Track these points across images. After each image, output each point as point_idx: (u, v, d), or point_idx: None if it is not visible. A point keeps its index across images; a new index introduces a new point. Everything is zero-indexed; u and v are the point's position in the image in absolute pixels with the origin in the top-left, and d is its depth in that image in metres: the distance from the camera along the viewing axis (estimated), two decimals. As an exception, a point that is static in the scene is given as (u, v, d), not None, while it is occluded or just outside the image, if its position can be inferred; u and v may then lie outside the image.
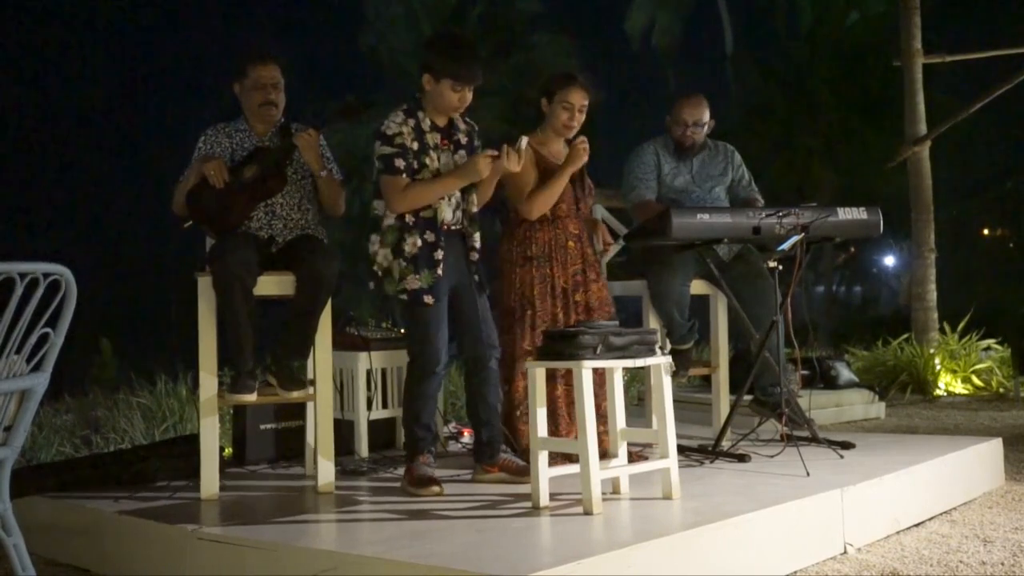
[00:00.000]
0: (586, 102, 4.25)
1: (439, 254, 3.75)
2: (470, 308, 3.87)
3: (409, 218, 3.74)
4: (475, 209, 3.91)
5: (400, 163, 3.71)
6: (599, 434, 3.43)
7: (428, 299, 3.73)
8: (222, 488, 3.78)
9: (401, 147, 3.73)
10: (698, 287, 4.83)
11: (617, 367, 3.52)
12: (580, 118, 4.24)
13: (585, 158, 4.17)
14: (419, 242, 3.73)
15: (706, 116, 4.85)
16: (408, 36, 20.36)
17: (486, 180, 3.84)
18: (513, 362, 4.12)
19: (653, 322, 4.74)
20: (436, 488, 3.66)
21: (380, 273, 3.77)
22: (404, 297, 3.74)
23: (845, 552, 3.37)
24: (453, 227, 3.85)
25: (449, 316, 3.85)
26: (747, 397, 4.64)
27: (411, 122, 3.77)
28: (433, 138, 3.80)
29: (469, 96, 3.80)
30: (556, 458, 3.59)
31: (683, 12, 22.81)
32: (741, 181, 4.97)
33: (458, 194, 3.85)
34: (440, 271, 3.74)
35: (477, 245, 3.91)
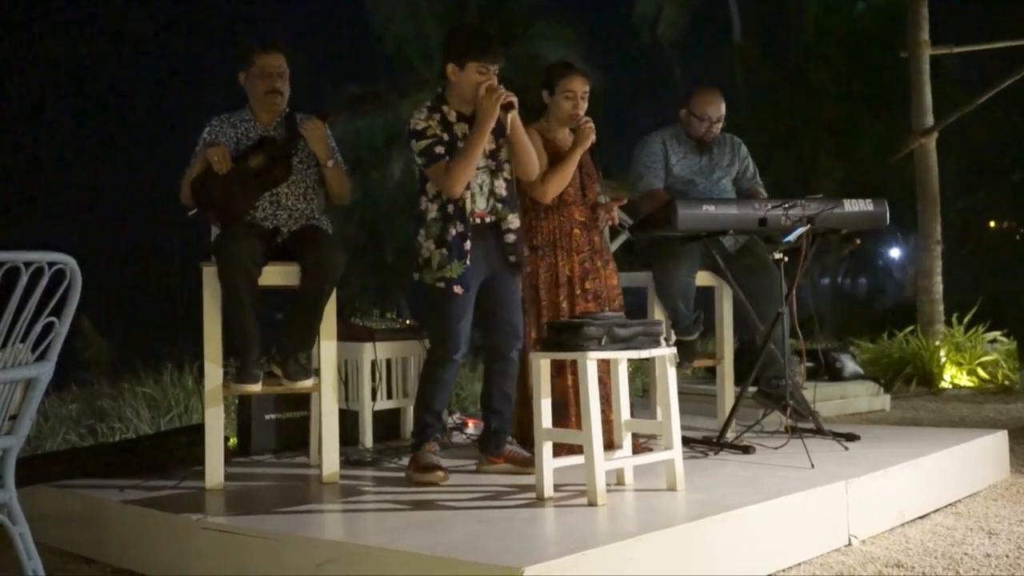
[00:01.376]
0: (587, 88, 4.26)
1: (467, 245, 3.75)
2: (499, 297, 3.87)
3: (451, 207, 3.75)
4: (506, 192, 3.87)
5: (439, 149, 3.74)
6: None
7: (458, 289, 3.74)
8: (227, 478, 3.78)
9: (435, 136, 3.75)
10: (703, 278, 4.82)
11: (622, 358, 3.52)
12: (584, 105, 4.24)
13: (593, 137, 4.17)
14: (454, 231, 3.74)
15: (724, 109, 4.85)
16: (409, 26, 20.29)
17: (516, 140, 3.81)
18: (523, 353, 4.11)
19: (658, 313, 4.73)
20: (440, 473, 3.67)
21: (422, 263, 3.79)
22: (441, 285, 3.75)
23: (849, 544, 3.37)
24: (488, 218, 3.84)
25: (478, 305, 3.86)
26: (752, 389, 4.64)
27: (436, 116, 3.79)
28: (461, 128, 3.80)
29: (494, 81, 3.79)
30: (562, 448, 3.59)
31: (690, 3, 22.71)
32: (746, 173, 4.96)
33: (488, 180, 3.84)
34: (468, 261, 3.75)
35: (513, 226, 3.87)
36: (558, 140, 4.27)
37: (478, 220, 3.82)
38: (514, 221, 3.89)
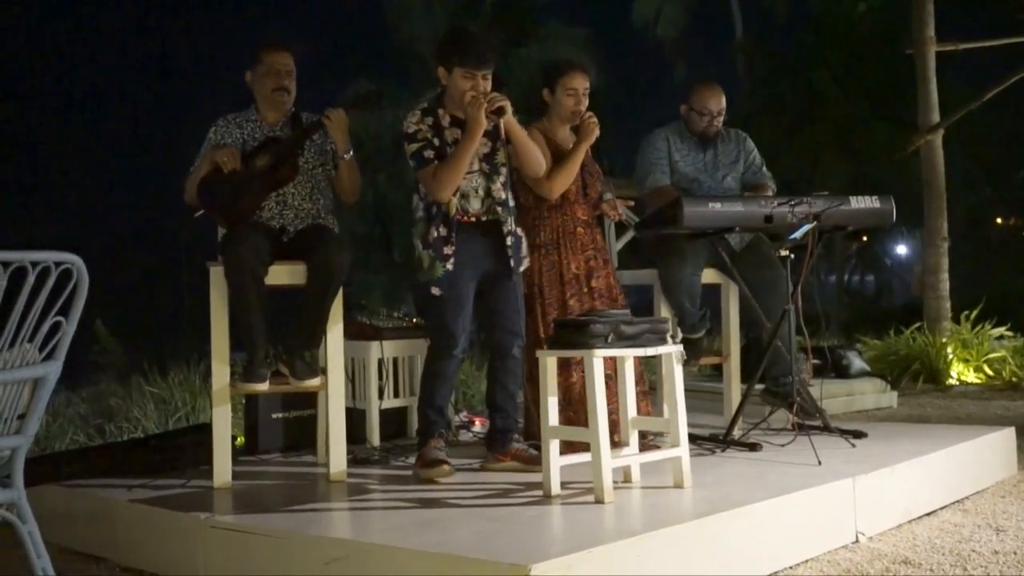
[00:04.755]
0: (588, 85, 4.25)
1: (449, 249, 3.76)
2: (498, 296, 3.88)
3: (434, 208, 3.78)
4: (504, 195, 3.86)
5: (429, 153, 3.75)
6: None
7: (435, 291, 3.77)
8: (234, 476, 3.79)
9: (424, 140, 3.76)
10: (709, 276, 4.81)
11: (628, 356, 3.52)
12: (585, 102, 4.23)
13: (596, 132, 4.16)
14: (435, 233, 3.77)
15: (724, 103, 4.85)
16: (423, 24, 20.25)
17: (515, 141, 3.82)
18: (529, 351, 4.10)
19: (664, 311, 4.73)
20: (446, 467, 3.68)
21: (415, 263, 3.81)
22: (426, 283, 3.78)
23: (857, 541, 3.37)
24: (483, 217, 3.85)
25: (478, 304, 3.88)
26: (759, 386, 4.64)
27: (428, 119, 3.79)
28: (452, 133, 3.80)
29: (485, 85, 3.76)
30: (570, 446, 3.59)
31: (690, 1, 22.67)
32: (752, 166, 4.95)
33: (483, 183, 3.84)
34: (451, 265, 3.75)
35: (513, 229, 3.88)
36: (559, 138, 4.26)
37: (473, 219, 3.82)
38: (513, 224, 3.89)
